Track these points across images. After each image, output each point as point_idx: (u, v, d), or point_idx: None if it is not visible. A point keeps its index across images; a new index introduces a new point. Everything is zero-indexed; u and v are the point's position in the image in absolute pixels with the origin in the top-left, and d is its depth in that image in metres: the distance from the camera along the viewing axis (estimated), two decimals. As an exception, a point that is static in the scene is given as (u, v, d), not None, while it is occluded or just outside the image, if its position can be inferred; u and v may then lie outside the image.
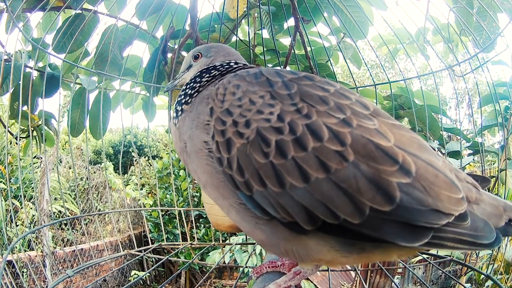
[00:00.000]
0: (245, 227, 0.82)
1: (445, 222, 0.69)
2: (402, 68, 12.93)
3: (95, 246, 6.69)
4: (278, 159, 0.72)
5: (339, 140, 0.72)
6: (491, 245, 0.70)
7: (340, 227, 0.70)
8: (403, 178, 0.70)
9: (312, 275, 6.18)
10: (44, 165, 5.69)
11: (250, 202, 0.76)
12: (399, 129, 0.78)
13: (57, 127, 2.11)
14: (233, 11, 1.87)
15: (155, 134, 12.33)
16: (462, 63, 1.73)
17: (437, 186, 0.71)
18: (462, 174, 0.83)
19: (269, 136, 0.74)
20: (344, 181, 0.69)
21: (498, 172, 2.04)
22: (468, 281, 4.49)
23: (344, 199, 0.69)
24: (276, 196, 0.72)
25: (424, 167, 0.72)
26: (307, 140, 0.72)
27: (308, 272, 0.86)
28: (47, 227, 4.48)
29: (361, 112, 0.77)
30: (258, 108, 0.77)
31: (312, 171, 0.70)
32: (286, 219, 0.73)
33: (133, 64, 2.11)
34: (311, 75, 0.86)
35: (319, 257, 0.77)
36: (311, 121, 0.74)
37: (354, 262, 0.82)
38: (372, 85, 1.94)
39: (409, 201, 0.69)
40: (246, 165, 0.74)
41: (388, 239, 0.69)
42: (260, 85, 0.81)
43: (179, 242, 2.15)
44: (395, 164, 0.70)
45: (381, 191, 0.68)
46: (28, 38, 1.65)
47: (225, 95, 0.82)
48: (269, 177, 0.72)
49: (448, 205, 0.70)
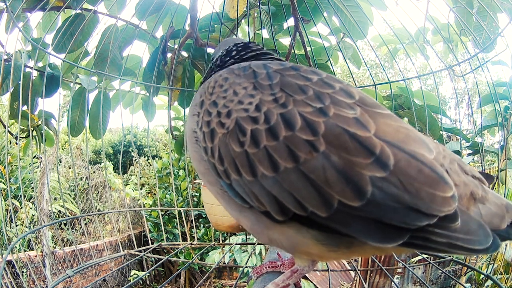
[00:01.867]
0: (233, 214, 0.83)
1: (425, 224, 0.62)
2: (402, 68, 12.93)
3: (95, 246, 6.68)
4: (252, 148, 0.72)
5: (312, 129, 0.69)
6: (486, 251, 0.63)
7: (310, 219, 0.68)
8: (377, 172, 0.64)
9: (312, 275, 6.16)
10: (44, 165, 5.69)
11: (230, 190, 0.77)
12: (386, 118, 0.72)
13: (57, 127, 2.11)
14: (233, 11, 1.87)
15: (154, 134, 12.32)
16: (462, 63, 1.73)
17: (418, 182, 0.64)
18: (468, 167, 0.77)
19: (245, 126, 0.74)
20: (312, 172, 0.66)
21: (498, 172, 2.04)
22: (468, 281, 4.49)
23: (311, 191, 0.66)
24: (249, 184, 0.72)
25: (405, 160, 0.66)
26: (280, 129, 0.70)
27: (305, 270, 0.86)
28: (47, 227, 4.47)
29: (342, 101, 0.73)
30: (239, 99, 0.78)
31: (281, 160, 0.69)
32: (260, 208, 0.72)
33: (133, 64, 2.11)
34: (298, 65, 0.85)
35: (305, 249, 0.75)
36: (286, 110, 0.72)
37: (346, 257, 0.80)
38: (372, 85, 1.94)
39: (382, 197, 0.63)
40: (225, 154, 0.75)
41: (357, 237, 0.65)
42: (246, 77, 0.82)
43: (179, 242, 2.15)
44: (370, 156, 0.65)
45: (351, 184, 0.64)
46: (28, 38, 1.65)
47: (214, 87, 0.85)
48: (244, 166, 0.72)
49: (430, 204, 0.63)
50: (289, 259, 1.08)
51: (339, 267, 5.93)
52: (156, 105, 2.32)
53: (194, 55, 1.94)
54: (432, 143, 0.75)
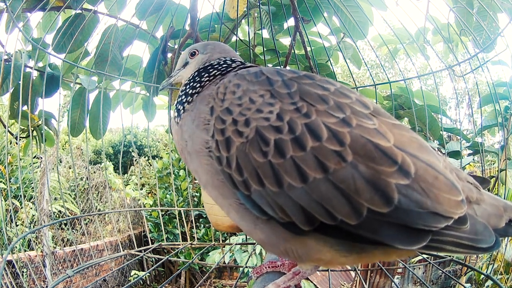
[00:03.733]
0: (245, 227, 0.82)
1: (444, 225, 0.68)
2: (402, 68, 12.94)
3: (95, 246, 6.69)
4: (276, 158, 0.71)
5: (338, 140, 0.71)
6: (490, 249, 0.69)
7: (338, 228, 0.69)
8: (401, 180, 0.68)
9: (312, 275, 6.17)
10: (44, 165, 5.69)
11: (249, 201, 0.75)
12: (399, 129, 0.77)
13: (57, 127, 2.11)
14: (233, 11, 1.87)
15: (155, 134, 12.33)
16: (462, 63, 1.73)
17: (436, 188, 0.69)
18: (462, 174, 0.82)
19: (268, 135, 0.73)
20: (342, 182, 0.68)
21: (498, 172, 2.04)
22: (468, 281, 4.49)
23: (341, 200, 0.68)
24: (274, 195, 0.72)
25: (423, 168, 0.71)
26: (306, 140, 0.71)
27: (308, 272, 0.86)
28: (47, 227, 4.47)
29: (361, 112, 0.76)
30: (257, 107, 0.77)
31: (310, 171, 0.69)
32: (284, 219, 0.72)
33: (133, 64, 2.11)
34: (312, 74, 0.86)
35: (319, 257, 0.77)
36: (310, 120, 0.73)
37: (354, 262, 0.82)
38: (372, 85, 1.94)
39: (408, 203, 0.67)
40: (245, 164, 0.74)
41: (386, 242, 0.68)
42: (260, 84, 0.81)
43: (179, 242, 2.15)
44: (394, 164, 0.69)
45: (379, 192, 0.67)
46: (28, 38, 1.65)
47: (226, 94, 0.82)
48: (267, 177, 0.72)
49: (447, 208, 0.68)
50: (289, 260, 1.08)
51: (339, 267, 5.92)
52: (156, 105, 2.32)
53: (194, 55, 1.94)
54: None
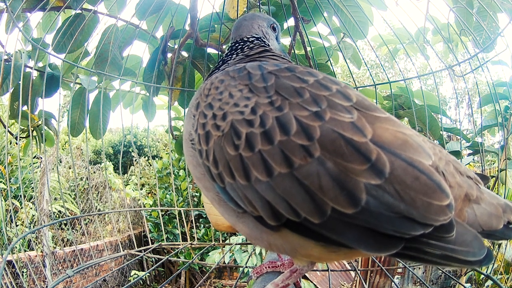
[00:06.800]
0: (229, 220, 0.82)
1: (420, 233, 0.61)
2: (402, 68, 12.94)
3: (95, 246, 6.69)
4: (246, 151, 0.71)
5: (307, 134, 0.67)
6: (480, 263, 0.61)
7: (302, 225, 0.66)
8: (372, 179, 0.63)
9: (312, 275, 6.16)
10: (44, 165, 5.69)
11: (224, 194, 0.76)
12: (384, 123, 0.71)
13: (57, 127, 2.10)
14: (233, 11, 1.87)
15: (155, 134, 12.33)
16: (462, 63, 1.73)
17: (414, 191, 0.62)
18: (462, 167, 0.77)
19: (241, 129, 0.73)
20: (306, 178, 0.65)
21: (498, 172, 2.04)
22: (468, 281, 4.49)
23: (305, 197, 0.64)
24: (243, 188, 0.71)
25: (402, 168, 0.64)
26: (275, 133, 0.69)
27: (305, 269, 0.85)
28: (47, 227, 4.48)
29: (339, 104, 0.72)
30: (235, 101, 0.77)
31: (276, 165, 0.67)
32: (253, 212, 0.71)
33: (133, 64, 2.11)
34: (294, 66, 0.84)
35: (306, 252, 0.74)
36: (282, 113, 0.71)
37: (347, 258, 0.79)
38: (372, 85, 1.94)
39: (377, 205, 0.61)
40: (220, 157, 0.74)
41: (350, 245, 0.63)
42: (241, 79, 0.82)
43: (179, 242, 2.15)
44: (366, 162, 0.64)
45: (345, 191, 0.63)
46: (28, 38, 1.65)
47: (210, 89, 0.84)
48: (238, 170, 0.71)
49: (425, 214, 0.61)
50: (289, 259, 1.08)
51: (339, 267, 5.93)
52: (156, 105, 2.32)
53: (194, 55, 1.94)
54: (429, 145, 0.74)
